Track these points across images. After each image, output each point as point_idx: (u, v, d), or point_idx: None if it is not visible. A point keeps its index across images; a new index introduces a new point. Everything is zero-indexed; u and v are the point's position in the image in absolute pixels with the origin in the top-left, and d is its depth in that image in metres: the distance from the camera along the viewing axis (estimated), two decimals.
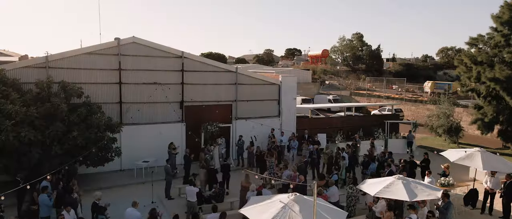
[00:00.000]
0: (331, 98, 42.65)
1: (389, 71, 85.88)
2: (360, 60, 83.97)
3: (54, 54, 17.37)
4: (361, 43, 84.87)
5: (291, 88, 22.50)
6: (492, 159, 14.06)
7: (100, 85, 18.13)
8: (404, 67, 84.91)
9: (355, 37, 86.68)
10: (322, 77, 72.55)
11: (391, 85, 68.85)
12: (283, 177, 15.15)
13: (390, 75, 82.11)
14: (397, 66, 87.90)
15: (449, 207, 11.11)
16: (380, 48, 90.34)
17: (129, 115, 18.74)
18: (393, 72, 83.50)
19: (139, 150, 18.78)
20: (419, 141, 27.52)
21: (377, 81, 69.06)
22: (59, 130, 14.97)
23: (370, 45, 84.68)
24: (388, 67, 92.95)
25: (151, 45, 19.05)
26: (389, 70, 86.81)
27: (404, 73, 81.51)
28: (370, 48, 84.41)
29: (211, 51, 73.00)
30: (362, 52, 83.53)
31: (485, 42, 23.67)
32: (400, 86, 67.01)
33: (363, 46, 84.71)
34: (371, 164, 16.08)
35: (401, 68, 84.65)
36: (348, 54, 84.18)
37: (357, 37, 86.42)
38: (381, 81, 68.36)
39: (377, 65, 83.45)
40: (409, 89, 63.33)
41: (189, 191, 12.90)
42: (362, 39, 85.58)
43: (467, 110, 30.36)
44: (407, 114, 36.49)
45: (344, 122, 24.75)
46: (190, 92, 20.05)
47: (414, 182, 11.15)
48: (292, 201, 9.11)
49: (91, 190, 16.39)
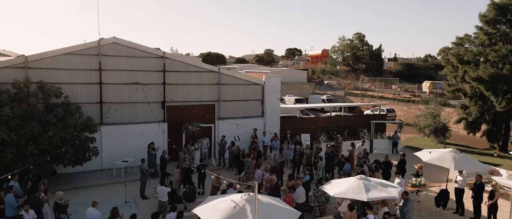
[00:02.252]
0: (325, 98, 42.58)
1: (390, 71, 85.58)
2: (360, 60, 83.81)
3: (33, 54, 17.53)
4: (362, 43, 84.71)
5: (275, 89, 22.50)
6: (463, 159, 14.00)
7: (81, 86, 18.28)
8: (405, 67, 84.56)
9: (356, 37, 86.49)
10: (321, 77, 72.48)
11: (390, 85, 68.62)
12: (255, 177, 15.19)
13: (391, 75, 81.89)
14: (398, 66, 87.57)
15: (406, 204, 11.15)
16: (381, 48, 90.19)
17: (108, 115, 18.84)
18: (393, 72, 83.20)
19: (120, 150, 18.89)
20: (407, 141, 27.44)
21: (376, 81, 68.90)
22: (35, 130, 15.10)
23: (371, 45, 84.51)
24: (388, 67, 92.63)
25: (132, 45, 19.17)
26: (390, 70, 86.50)
27: (405, 73, 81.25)
28: (371, 48, 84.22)
29: (210, 51, 73.15)
30: (362, 52, 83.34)
31: (472, 42, 23.53)
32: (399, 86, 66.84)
33: (363, 46, 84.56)
34: (346, 164, 16.06)
35: (402, 68, 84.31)
36: (348, 54, 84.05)
37: (357, 37, 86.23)
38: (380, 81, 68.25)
39: (377, 65, 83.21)
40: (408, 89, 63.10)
41: (161, 191, 13.02)
42: (363, 39, 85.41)
43: (457, 110, 30.20)
44: (399, 114, 36.35)
45: (330, 122, 24.70)
46: (172, 92, 20.15)
47: (375, 182, 11.14)
48: (244, 201, 9.15)
49: (67, 189, 16.65)
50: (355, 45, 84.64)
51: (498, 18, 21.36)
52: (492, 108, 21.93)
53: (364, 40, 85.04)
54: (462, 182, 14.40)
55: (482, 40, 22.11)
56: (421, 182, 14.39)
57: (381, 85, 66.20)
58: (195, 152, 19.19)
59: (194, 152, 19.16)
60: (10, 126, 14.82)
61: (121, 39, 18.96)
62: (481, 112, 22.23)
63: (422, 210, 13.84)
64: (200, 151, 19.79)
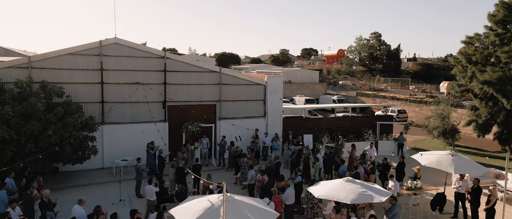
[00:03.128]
0: (336, 98, 42.05)
1: (408, 71, 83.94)
2: (376, 60, 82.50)
3: (37, 54, 17.96)
4: (379, 42, 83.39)
5: (277, 89, 22.36)
6: (463, 163, 13.53)
7: (82, 85, 18.62)
8: (423, 67, 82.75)
9: (373, 36, 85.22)
10: (336, 78, 71.75)
11: (407, 86, 67.29)
12: (247, 177, 15.14)
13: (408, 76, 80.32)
14: (416, 66, 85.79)
15: (391, 209, 10.87)
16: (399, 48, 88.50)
17: (109, 114, 19.13)
18: (411, 73, 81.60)
19: (121, 149, 19.13)
20: (415, 143, 26.81)
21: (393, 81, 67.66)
22: (35, 128, 15.47)
23: (389, 44, 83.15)
24: (406, 67, 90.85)
25: (133, 46, 19.41)
26: (408, 70, 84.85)
27: (423, 74, 79.51)
28: (389, 48, 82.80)
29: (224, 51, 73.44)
30: (379, 52, 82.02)
31: (482, 41, 22.74)
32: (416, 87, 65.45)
33: (381, 46, 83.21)
34: (341, 166, 15.79)
35: (420, 68, 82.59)
36: (365, 54, 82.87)
37: (375, 37, 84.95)
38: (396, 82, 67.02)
39: (395, 65, 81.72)
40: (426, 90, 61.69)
41: (148, 190, 13.12)
42: (380, 39, 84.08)
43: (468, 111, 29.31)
44: (411, 115, 35.54)
45: (335, 123, 24.35)
46: (173, 92, 20.29)
47: (361, 185, 10.89)
48: (221, 201, 9.09)
49: (67, 187, 17.02)
50: (372, 45, 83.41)
51: (508, 19, 20.55)
52: (503, 110, 21.15)
53: (382, 40, 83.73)
54: (464, 186, 13.94)
55: (492, 41, 21.34)
56: (417, 185, 13.99)
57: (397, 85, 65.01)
58: (194, 152, 19.26)
59: (194, 151, 19.23)
60: (10, 125, 15.20)
61: (122, 40, 19.22)
62: (491, 114, 21.45)
63: (417, 213, 13.46)
64: (200, 150, 19.85)
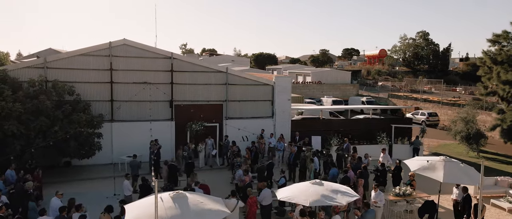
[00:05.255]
0: (365, 100, 40.70)
1: (456, 72, 79.22)
2: (422, 60, 78.66)
3: (51, 55, 19.26)
4: (426, 42, 79.42)
5: (286, 89, 22.15)
6: (456, 170, 12.59)
7: (93, 84, 19.67)
8: (473, 68, 77.51)
9: (420, 35, 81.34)
10: (375, 78, 69.40)
11: (454, 88, 63.51)
12: (235, 177, 15.19)
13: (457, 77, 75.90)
14: (466, 67, 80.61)
15: (363, 216, 10.40)
16: (450, 48, 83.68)
17: (119, 112, 20.02)
18: (460, 73, 76.92)
19: (130, 146, 19.90)
20: (437, 147, 25.30)
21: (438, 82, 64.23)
22: (43, 124, 16.63)
23: (437, 44, 79.04)
24: (456, 67, 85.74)
25: (141, 46, 20.18)
26: (456, 71, 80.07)
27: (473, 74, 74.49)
28: (437, 47, 78.61)
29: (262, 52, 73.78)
30: (425, 52, 78.10)
31: (510, 40, 20.94)
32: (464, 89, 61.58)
33: (428, 45, 79.20)
34: (332, 169, 15.32)
35: (470, 69, 77.39)
36: (409, 53, 79.29)
37: (421, 36, 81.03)
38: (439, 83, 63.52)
39: (442, 65, 77.42)
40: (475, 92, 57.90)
41: (124, 186, 13.56)
42: (427, 38, 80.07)
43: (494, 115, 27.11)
44: (443, 119, 33.47)
45: (347, 125, 23.63)
46: (180, 92, 20.80)
47: (327, 187, 10.53)
48: (170, 198, 9.27)
49: (74, 180, 18.06)
50: (418, 44, 79.65)
51: None
52: None
53: (429, 39, 79.66)
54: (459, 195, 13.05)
55: None
56: (406, 191, 13.25)
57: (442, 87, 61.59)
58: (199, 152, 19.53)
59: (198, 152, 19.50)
60: (21, 120, 16.47)
61: (131, 41, 20.05)
62: None
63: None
64: (205, 151, 20.07)
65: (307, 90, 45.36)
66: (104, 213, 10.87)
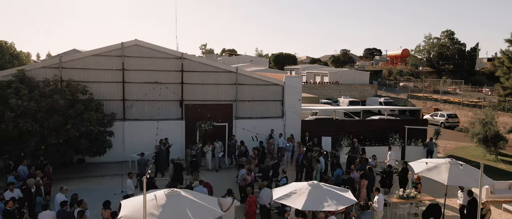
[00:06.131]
0: (382, 101, 39.92)
1: (483, 72, 76.55)
2: (447, 60, 76.38)
3: (66, 56, 19.90)
4: (451, 41, 77.11)
5: (296, 89, 22.05)
6: (461, 172, 12.22)
7: (106, 84, 20.18)
8: None
9: (445, 35, 79.02)
10: (397, 79, 67.97)
11: (480, 88, 61.45)
12: (238, 176, 15.26)
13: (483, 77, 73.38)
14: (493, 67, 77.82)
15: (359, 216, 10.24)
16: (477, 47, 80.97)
17: (130, 111, 20.46)
18: (486, 74, 74.31)
19: (141, 144, 20.28)
20: (455, 150, 24.57)
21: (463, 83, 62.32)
22: (56, 122, 17.23)
23: (464, 43, 76.57)
24: (483, 67, 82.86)
25: (152, 47, 20.56)
26: (483, 71, 77.36)
27: None
28: (463, 47, 76.19)
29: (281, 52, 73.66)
30: (450, 52, 75.81)
31: None
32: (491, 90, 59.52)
33: (454, 44, 76.86)
34: (337, 169, 15.14)
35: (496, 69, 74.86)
36: (434, 53, 77.15)
37: (446, 35, 78.70)
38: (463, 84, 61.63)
39: (468, 65, 74.96)
40: None
41: (127, 185, 13.84)
42: (452, 37, 77.72)
43: None
44: (463, 120, 32.39)
45: (359, 126, 23.25)
46: (190, 91, 21.05)
47: (325, 190, 10.40)
48: (165, 196, 9.42)
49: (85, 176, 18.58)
50: (443, 44, 77.39)
51: None
52: None
53: (454, 38, 77.29)
54: (465, 199, 12.67)
55: None
56: (410, 194, 12.94)
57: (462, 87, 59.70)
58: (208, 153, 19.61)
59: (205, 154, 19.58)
60: (36, 118, 17.11)
61: (142, 41, 20.45)
62: None
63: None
64: (213, 153, 20.03)
65: (324, 90, 44.96)
66: (105, 209, 11.18)
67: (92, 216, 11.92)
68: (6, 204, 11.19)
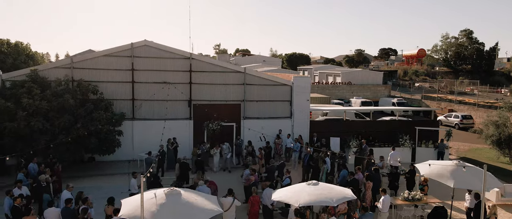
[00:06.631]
0: (395, 101, 39.35)
1: (502, 72, 74.77)
2: (464, 60, 74.79)
3: (77, 56, 20.28)
4: (470, 41, 75.48)
5: (304, 89, 21.93)
6: (469, 175, 11.94)
7: (116, 84, 20.48)
8: None
9: (463, 34, 77.39)
10: (413, 79, 66.94)
11: (499, 89, 60.00)
12: (243, 176, 15.29)
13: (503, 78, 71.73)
14: None
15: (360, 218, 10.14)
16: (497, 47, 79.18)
17: (139, 111, 20.71)
18: (506, 74, 72.62)
19: (149, 143, 20.48)
20: (468, 152, 24.05)
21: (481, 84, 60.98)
22: (67, 121, 17.59)
23: (482, 43, 74.93)
24: (502, 68, 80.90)
25: (161, 47, 20.78)
26: (502, 71, 75.57)
27: None
28: (482, 46, 74.52)
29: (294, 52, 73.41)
30: (468, 51, 74.22)
31: None
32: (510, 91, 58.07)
33: (472, 44, 75.23)
34: (342, 170, 15.00)
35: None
36: (451, 53, 75.65)
37: (465, 34, 77.07)
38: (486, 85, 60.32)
39: (487, 65, 73.30)
40: None
41: (131, 184, 14.01)
42: (470, 37, 76.07)
43: None
44: (478, 122, 31.68)
45: (368, 127, 22.99)
46: (199, 91, 21.18)
47: (323, 188, 10.35)
48: (164, 194, 9.52)
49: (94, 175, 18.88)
50: (461, 44, 75.81)
51: None
52: None
53: (473, 38, 75.65)
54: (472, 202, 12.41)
55: None
56: (415, 196, 12.73)
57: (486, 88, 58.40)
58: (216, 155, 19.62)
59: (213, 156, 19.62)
60: (47, 117, 17.50)
61: (152, 42, 20.69)
62: None
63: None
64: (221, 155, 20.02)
65: (336, 91, 44.60)
66: (108, 205, 11.37)
67: (98, 213, 12.14)
68: (14, 200, 11.50)
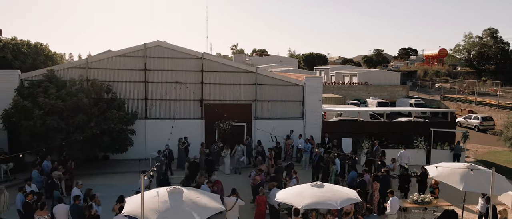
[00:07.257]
0: (413, 102, 38.53)
1: None
2: (488, 60, 72.55)
3: (92, 56, 20.71)
4: (494, 40, 73.20)
5: (316, 90, 21.76)
6: (480, 178, 11.57)
7: (129, 84, 20.82)
8: None
9: (487, 33, 75.14)
10: (434, 79, 65.41)
11: None
12: (250, 176, 15.31)
13: None
14: None
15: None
16: None
17: (152, 110, 20.99)
18: None
19: (162, 142, 20.76)
20: (486, 155, 23.33)
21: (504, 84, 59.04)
22: (81, 120, 18.00)
23: (507, 42, 72.56)
24: None
25: (173, 48, 21.01)
26: None
27: None
28: (507, 46, 72.18)
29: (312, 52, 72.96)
30: (492, 51, 71.98)
31: None
32: None
33: (496, 43, 72.93)
34: (352, 172, 14.81)
35: None
36: (474, 53, 73.54)
37: (489, 34, 74.80)
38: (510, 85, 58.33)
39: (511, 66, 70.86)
40: None
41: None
42: (495, 36, 73.77)
43: None
44: (499, 124, 30.69)
45: (381, 127, 22.59)
46: (210, 91, 21.31)
47: (326, 189, 10.21)
48: (167, 193, 9.62)
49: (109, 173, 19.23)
50: (485, 43, 73.61)
51: None
52: None
53: (497, 37, 73.34)
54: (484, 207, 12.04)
55: None
56: (424, 199, 12.44)
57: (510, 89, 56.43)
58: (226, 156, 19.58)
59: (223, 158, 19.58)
60: (62, 116, 17.94)
61: (164, 42, 20.95)
62: None
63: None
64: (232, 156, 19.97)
65: (353, 91, 44.04)
66: (116, 203, 11.57)
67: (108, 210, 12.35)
68: (26, 196, 11.86)
